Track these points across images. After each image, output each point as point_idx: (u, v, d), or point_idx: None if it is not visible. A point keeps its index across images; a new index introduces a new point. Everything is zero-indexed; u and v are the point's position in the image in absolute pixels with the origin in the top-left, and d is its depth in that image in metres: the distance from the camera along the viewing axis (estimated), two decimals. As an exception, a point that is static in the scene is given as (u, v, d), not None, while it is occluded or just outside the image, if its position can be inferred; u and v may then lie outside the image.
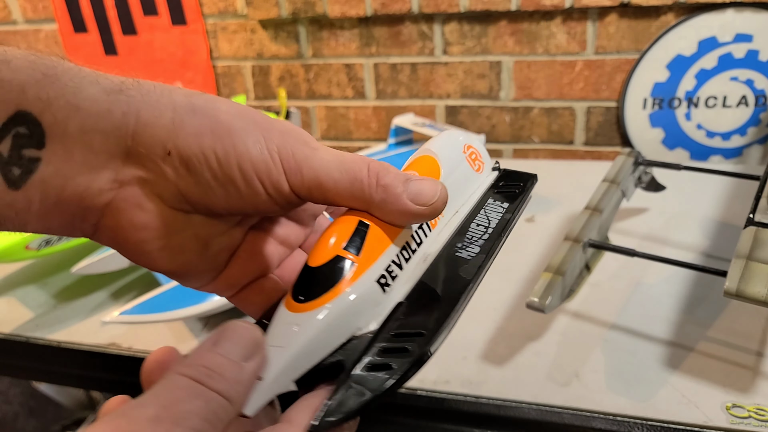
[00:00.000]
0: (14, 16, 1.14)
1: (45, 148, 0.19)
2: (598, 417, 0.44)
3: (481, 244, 0.29)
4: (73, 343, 0.58)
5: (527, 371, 0.49)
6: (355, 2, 0.94)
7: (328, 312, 0.22)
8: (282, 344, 0.22)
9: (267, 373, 0.22)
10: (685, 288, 0.57)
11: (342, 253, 0.23)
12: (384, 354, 0.22)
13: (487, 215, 0.31)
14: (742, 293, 0.39)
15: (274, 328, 0.23)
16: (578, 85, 0.94)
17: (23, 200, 0.20)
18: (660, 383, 0.46)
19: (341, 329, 0.23)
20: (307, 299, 0.23)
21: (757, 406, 0.43)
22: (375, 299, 0.24)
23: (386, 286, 0.24)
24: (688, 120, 0.91)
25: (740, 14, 0.83)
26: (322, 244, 0.24)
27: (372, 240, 0.24)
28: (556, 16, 0.89)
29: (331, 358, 0.22)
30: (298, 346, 0.22)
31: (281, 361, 0.22)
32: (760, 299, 0.39)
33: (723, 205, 0.74)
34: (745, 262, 0.41)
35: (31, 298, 0.66)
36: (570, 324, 0.54)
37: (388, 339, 0.23)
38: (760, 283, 0.39)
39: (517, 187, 0.32)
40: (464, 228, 0.30)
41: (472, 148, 0.35)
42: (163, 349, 0.22)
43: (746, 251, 0.42)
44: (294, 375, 0.22)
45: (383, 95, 1.04)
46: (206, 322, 0.58)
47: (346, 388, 0.21)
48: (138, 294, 0.64)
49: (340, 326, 0.23)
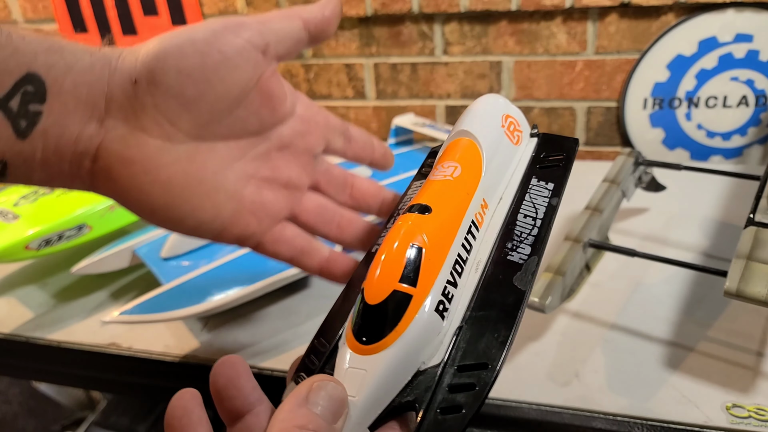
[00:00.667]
0: (14, 16, 1.14)
1: (46, 102, 0.23)
2: (598, 417, 0.44)
3: (531, 242, 0.27)
4: (72, 343, 0.58)
5: (527, 371, 0.49)
6: (355, 2, 0.94)
7: (395, 352, 0.21)
8: (353, 393, 0.21)
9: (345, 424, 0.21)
10: (685, 288, 0.57)
11: (399, 288, 0.22)
12: (452, 392, 0.21)
13: (533, 202, 0.29)
14: (742, 293, 0.39)
15: (341, 372, 0.22)
16: (578, 85, 0.94)
17: (29, 149, 0.23)
18: (660, 383, 0.46)
19: (408, 368, 0.22)
20: (371, 341, 0.22)
21: (758, 406, 0.43)
22: (436, 329, 0.23)
23: (445, 312, 0.23)
24: (688, 120, 0.91)
25: (741, 14, 0.83)
26: (379, 278, 0.23)
27: (426, 264, 0.23)
28: (556, 16, 0.89)
29: (399, 398, 0.22)
30: (370, 391, 0.21)
31: (356, 411, 0.21)
32: (760, 299, 0.39)
33: (723, 205, 0.74)
34: (745, 262, 0.41)
35: (31, 298, 0.66)
36: (570, 324, 0.54)
37: (454, 374, 0.22)
38: (760, 283, 0.39)
39: (559, 161, 0.30)
40: (512, 221, 0.28)
41: (510, 118, 0.32)
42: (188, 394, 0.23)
43: (746, 251, 0.42)
44: (368, 422, 0.21)
45: (383, 95, 1.04)
46: (206, 321, 0.58)
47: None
48: (138, 294, 0.64)
49: (407, 365, 0.22)
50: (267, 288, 0.54)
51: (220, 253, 0.62)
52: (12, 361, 0.62)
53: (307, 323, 0.57)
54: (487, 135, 0.29)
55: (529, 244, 0.27)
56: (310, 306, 0.59)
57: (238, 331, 0.56)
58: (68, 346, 0.58)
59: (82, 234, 0.66)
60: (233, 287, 0.53)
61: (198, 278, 0.54)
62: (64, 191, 0.68)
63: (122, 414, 1.03)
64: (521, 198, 0.29)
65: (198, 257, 0.61)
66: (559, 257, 0.47)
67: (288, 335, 0.55)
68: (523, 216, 0.28)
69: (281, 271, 0.55)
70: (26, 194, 0.69)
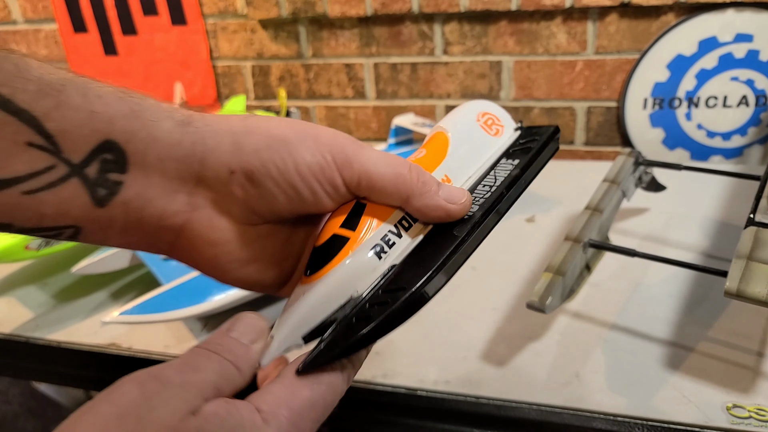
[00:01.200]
0: (14, 16, 1.14)
1: (127, 173, 0.23)
2: (598, 417, 0.44)
3: (480, 203, 0.30)
4: (73, 343, 0.58)
5: (527, 371, 0.49)
6: (356, 2, 0.94)
7: (326, 279, 0.26)
8: (292, 309, 0.26)
9: (278, 332, 0.26)
10: (685, 288, 0.57)
11: (339, 231, 0.27)
12: (368, 309, 0.25)
13: (495, 175, 0.32)
14: (742, 293, 0.39)
15: (290, 299, 0.27)
16: (578, 85, 0.94)
17: (107, 218, 0.23)
18: (660, 383, 0.46)
19: (339, 292, 0.26)
20: (312, 273, 0.27)
21: (758, 406, 0.43)
22: (371, 266, 0.27)
23: (383, 253, 0.27)
24: (688, 120, 0.91)
25: (740, 14, 0.83)
26: (324, 226, 0.28)
27: (368, 216, 0.27)
28: (556, 16, 0.89)
29: (330, 318, 0.26)
30: (303, 308, 0.26)
31: (290, 321, 0.26)
32: (760, 299, 0.39)
33: (723, 205, 0.74)
34: (745, 262, 0.41)
35: (31, 298, 0.66)
36: (570, 324, 0.54)
37: (374, 296, 0.26)
38: (760, 283, 0.39)
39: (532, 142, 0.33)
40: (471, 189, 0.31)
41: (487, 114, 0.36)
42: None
43: (747, 251, 0.42)
44: (301, 332, 0.26)
45: (383, 95, 1.04)
46: (206, 322, 0.58)
47: (329, 338, 0.25)
48: (138, 294, 0.64)
49: (337, 290, 0.26)
50: (267, 288, 0.54)
51: (220, 253, 0.62)
52: (12, 361, 0.62)
53: (307, 323, 0.57)
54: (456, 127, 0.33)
55: (478, 204, 0.29)
56: (310, 306, 0.59)
57: (238, 331, 0.56)
58: (68, 347, 0.58)
59: (82, 234, 0.66)
60: (233, 288, 0.53)
61: (198, 279, 0.54)
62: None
63: (122, 414, 1.02)
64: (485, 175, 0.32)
65: (198, 257, 0.61)
66: (559, 257, 0.47)
67: (288, 335, 0.55)
68: (482, 186, 0.31)
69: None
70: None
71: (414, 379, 0.49)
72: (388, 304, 0.25)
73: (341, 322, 0.26)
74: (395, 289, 0.26)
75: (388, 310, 0.24)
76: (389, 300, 0.25)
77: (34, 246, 0.62)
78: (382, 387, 0.49)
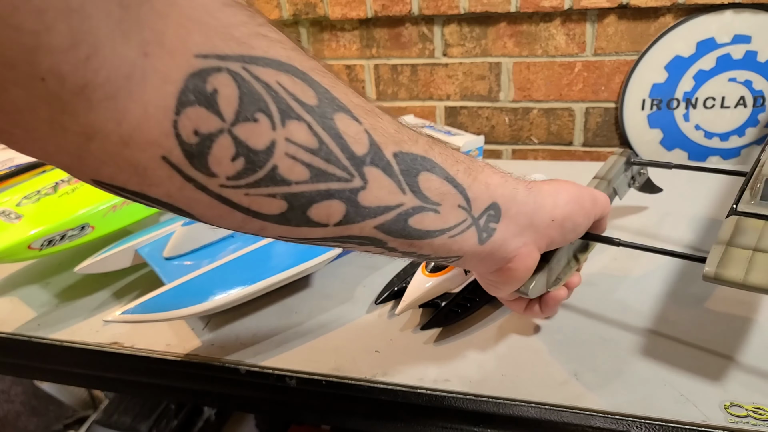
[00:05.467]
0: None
1: (499, 222, 0.34)
2: (596, 415, 0.45)
3: None
4: (75, 342, 0.58)
5: (526, 370, 0.49)
6: (356, 4, 0.94)
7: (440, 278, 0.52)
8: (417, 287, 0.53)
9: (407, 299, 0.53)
10: (684, 287, 0.58)
11: None
12: (455, 305, 0.54)
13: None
14: (720, 277, 0.40)
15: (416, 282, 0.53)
16: (577, 86, 0.94)
17: (481, 252, 0.34)
18: (658, 382, 0.47)
19: (443, 287, 0.53)
20: (431, 272, 0.53)
21: (756, 405, 0.44)
22: (461, 277, 0.54)
23: (468, 271, 0.53)
24: (686, 121, 0.92)
25: (739, 15, 0.84)
26: None
27: None
28: (555, 17, 0.90)
29: (435, 299, 0.55)
30: (424, 289, 0.52)
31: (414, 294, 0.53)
32: (737, 282, 0.39)
33: (718, 204, 0.74)
34: (724, 248, 0.42)
35: (34, 297, 0.67)
36: (569, 323, 0.54)
37: (460, 297, 0.54)
38: (738, 267, 0.40)
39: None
40: None
41: None
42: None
43: (726, 238, 0.43)
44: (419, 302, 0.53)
45: (384, 96, 1.04)
46: (208, 320, 0.59)
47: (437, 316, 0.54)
48: (140, 293, 0.65)
49: (443, 286, 0.53)
50: (268, 287, 0.55)
51: (222, 252, 0.62)
52: (14, 360, 0.62)
53: (308, 322, 0.57)
54: None
55: None
56: (311, 305, 0.60)
57: (239, 330, 0.57)
58: (70, 345, 0.58)
59: (85, 234, 0.66)
60: (235, 287, 0.53)
61: (200, 278, 0.55)
62: (66, 191, 0.69)
63: (124, 413, 1.03)
64: None
65: (200, 257, 0.62)
66: None
67: (289, 334, 0.56)
68: None
69: (282, 271, 0.55)
70: (29, 194, 0.69)
71: (414, 377, 0.49)
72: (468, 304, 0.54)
73: (443, 309, 0.54)
74: (471, 298, 0.54)
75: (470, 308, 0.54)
76: (468, 305, 0.54)
77: (36, 246, 0.63)
78: (382, 385, 0.49)
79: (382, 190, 0.27)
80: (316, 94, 0.24)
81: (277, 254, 0.59)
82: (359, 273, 0.65)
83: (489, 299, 0.56)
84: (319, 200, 0.25)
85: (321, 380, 0.51)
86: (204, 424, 1.13)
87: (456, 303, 0.55)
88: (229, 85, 0.21)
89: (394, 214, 0.28)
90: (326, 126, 0.24)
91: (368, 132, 0.26)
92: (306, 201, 0.25)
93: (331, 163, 0.25)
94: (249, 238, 0.64)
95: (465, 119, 1.03)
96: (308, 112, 0.24)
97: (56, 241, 0.64)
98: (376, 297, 0.59)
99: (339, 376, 0.50)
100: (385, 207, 0.27)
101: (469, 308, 0.55)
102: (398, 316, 0.56)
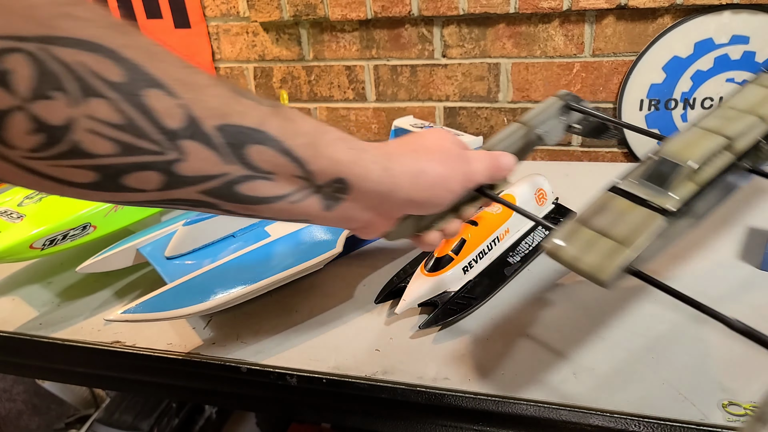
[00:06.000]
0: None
1: (347, 194, 0.34)
2: (595, 414, 0.45)
3: (522, 256, 0.62)
4: (77, 341, 0.58)
5: (525, 368, 0.49)
6: (356, 5, 0.95)
7: (438, 277, 0.56)
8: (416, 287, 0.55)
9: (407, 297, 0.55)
10: (683, 286, 0.58)
11: (450, 253, 0.58)
12: (453, 304, 0.55)
13: (533, 237, 0.65)
14: (555, 254, 0.38)
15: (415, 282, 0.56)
16: (576, 86, 0.94)
17: (329, 217, 0.35)
18: (657, 380, 0.47)
19: (442, 286, 0.56)
20: (430, 271, 0.57)
21: (753, 404, 0.44)
22: (459, 276, 0.58)
23: (466, 271, 0.58)
24: (684, 121, 0.92)
25: (737, 16, 0.84)
26: (443, 246, 0.58)
27: (466, 247, 0.59)
28: (553, 18, 0.90)
29: (433, 298, 0.56)
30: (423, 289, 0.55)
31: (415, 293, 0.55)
32: (570, 264, 0.37)
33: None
34: (577, 226, 0.39)
35: (36, 296, 0.67)
36: (568, 322, 0.54)
37: (458, 297, 0.56)
38: (576, 248, 0.37)
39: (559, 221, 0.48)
40: (517, 243, 0.64)
41: (541, 190, 0.68)
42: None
43: (587, 215, 0.40)
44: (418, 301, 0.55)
45: (383, 97, 1.05)
46: (209, 320, 0.59)
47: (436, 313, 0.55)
48: (142, 292, 0.65)
49: (441, 285, 0.56)
50: (269, 286, 0.55)
51: (223, 252, 0.62)
52: (16, 359, 0.63)
53: (308, 321, 0.57)
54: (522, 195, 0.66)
55: (520, 256, 0.63)
56: (311, 304, 0.60)
57: (240, 328, 0.57)
58: (72, 344, 0.58)
59: (87, 233, 0.67)
60: (236, 286, 0.53)
61: (201, 277, 0.55)
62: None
63: (125, 411, 1.03)
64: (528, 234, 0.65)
65: (201, 256, 0.62)
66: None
67: (290, 333, 0.56)
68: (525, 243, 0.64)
69: (283, 270, 0.56)
70: (30, 194, 0.70)
71: (413, 375, 0.50)
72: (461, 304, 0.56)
73: (441, 307, 0.55)
74: (467, 298, 0.56)
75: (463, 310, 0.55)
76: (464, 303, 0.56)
77: (38, 245, 0.63)
78: (382, 383, 0.50)
79: (202, 161, 0.28)
80: (123, 71, 0.25)
81: (277, 254, 0.59)
82: (359, 272, 0.65)
83: (487, 298, 0.56)
84: (131, 171, 0.26)
85: (321, 378, 0.51)
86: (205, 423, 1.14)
87: (455, 302, 0.55)
88: (25, 64, 0.23)
89: (219, 182, 0.29)
90: (134, 102, 0.25)
91: (185, 106, 0.26)
92: (116, 171, 0.26)
93: (141, 137, 0.25)
94: (250, 238, 0.64)
95: (464, 120, 1.03)
96: (113, 89, 0.24)
97: (58, 241, 0.65)
98: (376, 296, 0.59)
99: (339, 374, 0.51)
100: (207, 176, 0.28)
101: (467, 307, 0.55)
102: (398, 315, 0.57)
